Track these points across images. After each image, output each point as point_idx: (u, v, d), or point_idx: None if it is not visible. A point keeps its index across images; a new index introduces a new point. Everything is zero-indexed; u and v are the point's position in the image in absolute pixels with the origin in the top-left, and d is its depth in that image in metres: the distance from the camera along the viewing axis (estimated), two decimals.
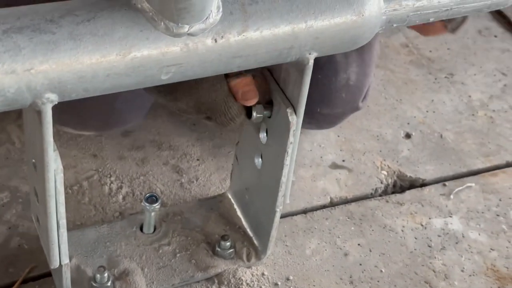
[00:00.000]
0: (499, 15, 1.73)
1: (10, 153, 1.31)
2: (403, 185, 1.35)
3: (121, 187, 1.28)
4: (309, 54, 0.90)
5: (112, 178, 1.29)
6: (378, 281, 1.18)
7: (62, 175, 0.88)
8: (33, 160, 0.92)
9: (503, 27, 1.68)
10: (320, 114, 1.28)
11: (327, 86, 1.23)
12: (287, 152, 1.01)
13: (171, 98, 1.02)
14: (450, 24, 1.13)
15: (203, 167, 1.33)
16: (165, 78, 0.84)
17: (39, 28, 0.76)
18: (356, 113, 1.35)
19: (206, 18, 0.80)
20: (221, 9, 0.81)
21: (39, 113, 0.79)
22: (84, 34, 0.78)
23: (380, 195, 1.32)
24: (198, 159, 1.34)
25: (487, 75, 1.55)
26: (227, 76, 1.02)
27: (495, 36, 1.63)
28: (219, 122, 1.07)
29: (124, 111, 1.28)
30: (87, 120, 1.21)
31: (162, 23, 0.79)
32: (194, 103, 1.02)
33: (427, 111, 1.48)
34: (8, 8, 0.80)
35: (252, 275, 1.15)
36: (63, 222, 0.93)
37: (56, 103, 0.80)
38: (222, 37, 0.82)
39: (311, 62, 0.91)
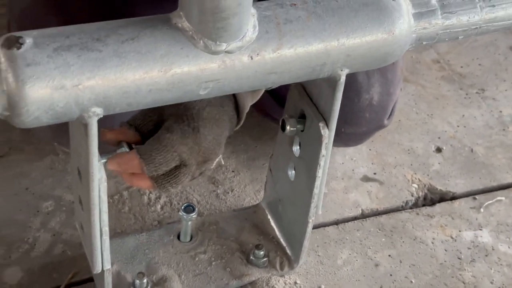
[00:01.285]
0: None
1: (54, 164, 1.32)
2: (433, 198, 1.33)
3: (159, 197, 1.28)
4: (341, 70, 0.90)
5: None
6: None
7: (105, 184, 0.90)
8: (78, 170, 0.93)
9: None
10: (345, 134, 1.27)
11: (349, 107, 1.21)
12: (320, 165, 1.01)
13: None
14: None
15: (238, 178, 1.33)
16: (203, 93, 0.85)
17: (87, 46, 0.78)
18: (388, 127, 1.34)
19: (243, 36, 0.82)
20: (257, 28, 0.83)
21: (85, 126, 0.81)
22: (128, 52, 0.79)
23: (411, 208, 1.31)
24: (233, 171, 1.34)
25: None
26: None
27: None
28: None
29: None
30: None
31: (201, 41, 0.80)
32: None
33: (458, 126, 1.46)
34: (58, 27, 0.82)
35: (285, 283, 1.15)
36: (106, 229, 0.94)
37: (102, 116, 0.82)
38: (257, 54, 0.84)
39: (343, 78, 0.91)
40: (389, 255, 1.22)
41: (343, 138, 1.28)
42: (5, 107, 0.77)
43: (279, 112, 1.11)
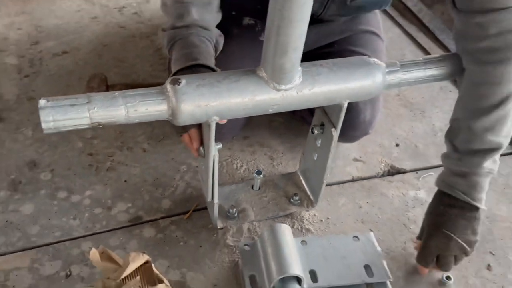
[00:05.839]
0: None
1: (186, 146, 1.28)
2: (393, 171, 1.29)
3: (242, 165, 1.26)
4: (344, 101, 0.91)
5: (237, 161, 1.27)
6: (377, 222, 1.15)
7: (217, 157, 0.92)
8: (203, 148, 0.94)
9: (455, 85, 1.56)
10: (347, 136, 1.22)
11: (352, 121, 1.17)
12: (331, 152, 1.01)
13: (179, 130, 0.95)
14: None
15: (285, 157, 1.30)
16: (270, 111, 0.86)
17: (213, 84, 0.81)
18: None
19: (293, 82, 0.83)
20: (301, 78, 0.84)
21: (209, 126, 0.85)
22: (234, 89, 0.81)
23: (380, 177, 1.28)
24: (282, 153, 1.31)
25: (445, 113, 1.47)
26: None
27: (450, 91, 1.54)
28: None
29: (225, 132, 1.20)
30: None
31: (272, 84, 0.82)
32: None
33: (408, 132, 1.41)
34: (199, 74, 0.84)
35: (309, 214, 1.15)
36: (216, 180, 0.98)
37: (218, 121, 0.84)
38: (301, 91, 0.85)
39: (346, 105, 0.92)
40: (367, 202, 1.20)
41: (346, 138, 1.24)
42: (170, 114, 0.80)
43: (310, 119, 1.08)
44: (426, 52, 1.70)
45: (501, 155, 0.98)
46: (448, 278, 1.01)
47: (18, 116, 1.36)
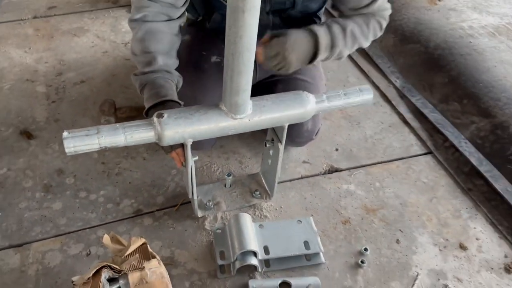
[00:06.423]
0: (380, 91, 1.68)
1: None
2: (332, 170, 1.33)
3: (218, 169, 1.30)
4: (285, 123, 1.00)
5: (215, 165, 1.32)
6: (317, 209, 1.19)
7: (193, 165, 1.00)
8: (185, 161, 1.00)
9: (386, 101, 1.61)
10: (296, 142, 1.27)
11: (298, 131, 1.22)
12: (279, 159, 1.09)
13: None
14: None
15: (251, 161, 1.33)
16: (230, 133, 0.94)
17: (186, 116, 0.89)
18: (315, 139, 1.34)
19: (246, 112, 0.92)
20: (251, 109, 0.93)
21: (186, 145, 0.93)
22: (203, 119, 0.90)
23: (322, 174, 1.31)
24: (249, 158, 1.34)
25: (375, 123, 1.49)
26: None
27: (381, 106, 1.56)
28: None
29: (204, 144, 1.24)
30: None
31: (230, 115, 0.92)
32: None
33: (346, 139, 1.44)
34: (177, 109, 0.90)
35: (267, 205, 1.20)
36: (194, 182, 1.04)
37: (191, 142, 0.92)
38: (252, 119, 0.94)
39: (286, 126, 1.01)
40: (311, 194, 1.24)
41: (295, 143, 1.29)
42: (157, 138, 0.89)
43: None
44: (365, 74, 1.79)
45: (416, 155, 1.05)
46: (365, 249, 1.15)
47: (48, 134, 1.42)
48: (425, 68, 1.74)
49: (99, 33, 1.90)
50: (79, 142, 0.85)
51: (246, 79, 0.87)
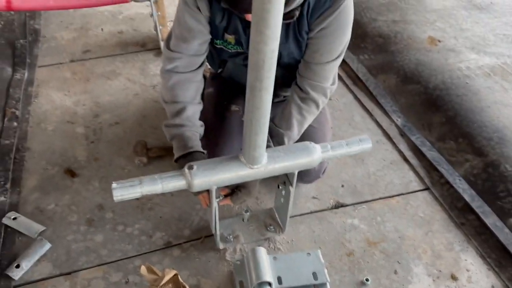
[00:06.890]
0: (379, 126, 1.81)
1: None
2: (338, 205, 1.41)
3: (237, 206, 1.37)
4: (295, 170, 1.07)
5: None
6: (324, 242, 1.27)
7: (217, 207, 1.09)
8: (210, 202, 1.08)
9: (388, 139, 1.71)
10: (304, 180, 1.35)
11: (306, 171, 1.21)
12: (291, 199, 1.17)
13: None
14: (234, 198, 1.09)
15: (266, 197, 1.41)
16: (248, 180, 1.02)
17: (212, 167, 0.97)
18: (322, 177, 1.39)
19: (261, 162, 0.99)
20: (266, 160, 1.01)
21: (211, 191, 1.03)
22: (226, 170, 0.97)
23: (330, 209, 1.39)
24: (264, 194, 1.43)
25: (377, 160, 1.51)
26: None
27: (383, 143, 1.63)
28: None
29: None
30: None
31: (248, 165, 0.99)
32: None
33: (351, 176, 1.51)
34: (205, 160, 0.99)
35: (280, 238, 1.29)
36: (217, 219, 1.13)
37: (217, 187, 1.01)
38: (267, 168, 1.00)
39: (296, 172, 1.08)
40: (319, 228, 1.33)
41: (305, 181, 1.36)
42: (188, 186, 0.99)
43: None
44: (369, 113, 1.91)
45: (414, 191, 1.09)
46: (367, 280, 1.27)
47: (88, 172, 1.53)
48: (425, 107, 1.86)
49: (130, 76, 1.98)
50: (125, 192, 0.97)
51: (262, 138, 0.97)
